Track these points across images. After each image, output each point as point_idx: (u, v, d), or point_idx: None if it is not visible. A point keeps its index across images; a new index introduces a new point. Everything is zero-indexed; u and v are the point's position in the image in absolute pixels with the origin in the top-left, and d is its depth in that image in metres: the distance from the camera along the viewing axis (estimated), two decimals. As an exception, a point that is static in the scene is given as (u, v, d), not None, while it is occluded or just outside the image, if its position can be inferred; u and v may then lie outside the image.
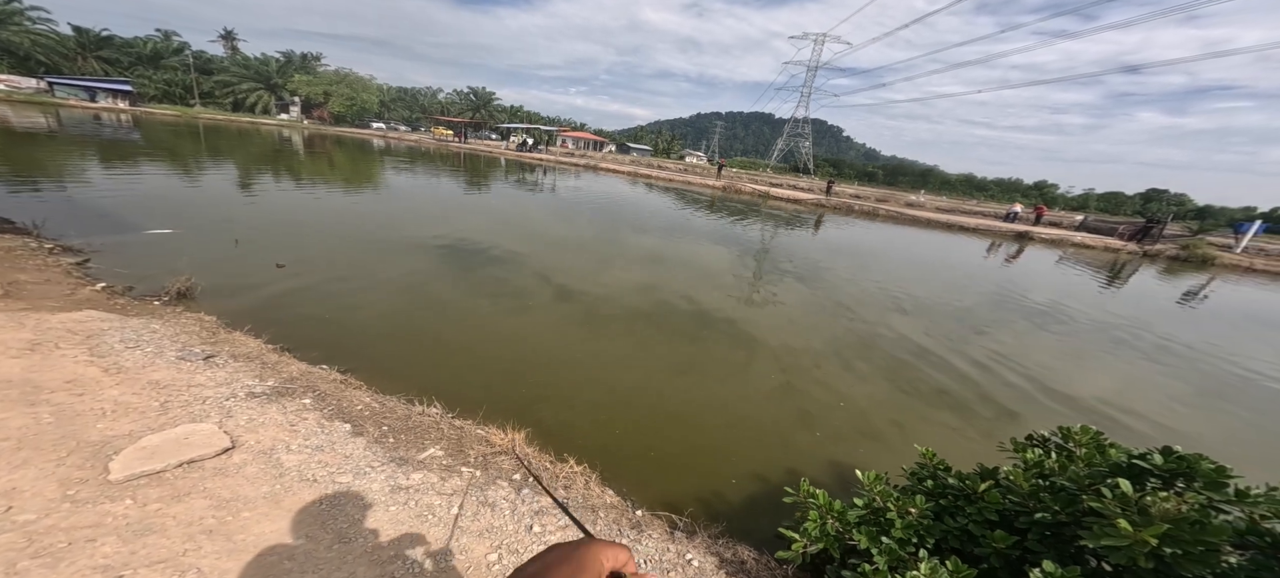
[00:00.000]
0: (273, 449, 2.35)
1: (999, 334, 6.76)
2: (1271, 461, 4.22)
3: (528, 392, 3.82)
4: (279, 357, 3.37)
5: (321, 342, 4.08)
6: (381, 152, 28.07)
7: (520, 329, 5.04)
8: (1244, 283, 14.99)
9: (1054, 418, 4.49)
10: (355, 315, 4.83)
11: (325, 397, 2.92)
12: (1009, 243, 18.83)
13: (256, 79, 55.04)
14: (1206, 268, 17.26)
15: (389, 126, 59.11)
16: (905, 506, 1.62)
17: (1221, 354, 6.91)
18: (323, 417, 2.71)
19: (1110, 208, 63.02)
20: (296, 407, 2.74)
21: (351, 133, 46.18)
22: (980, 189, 73.09)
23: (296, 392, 2.90)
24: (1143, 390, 5.36)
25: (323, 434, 2.55)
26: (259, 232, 7.50)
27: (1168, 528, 0.97)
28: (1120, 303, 9.89)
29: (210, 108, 51.48)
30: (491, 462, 2.72)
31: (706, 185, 29.07)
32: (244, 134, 30.55)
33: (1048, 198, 64.57)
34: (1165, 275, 14.78)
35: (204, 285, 4.85)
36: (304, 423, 2.60)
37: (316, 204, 10.40)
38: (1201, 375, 6.05)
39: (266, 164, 16.47)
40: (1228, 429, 4.67)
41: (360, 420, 2.78)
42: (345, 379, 3.30)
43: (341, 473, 2.29)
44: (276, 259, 6.03)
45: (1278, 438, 4.64)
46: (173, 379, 2.77)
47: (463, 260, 7.32)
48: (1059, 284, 11.32)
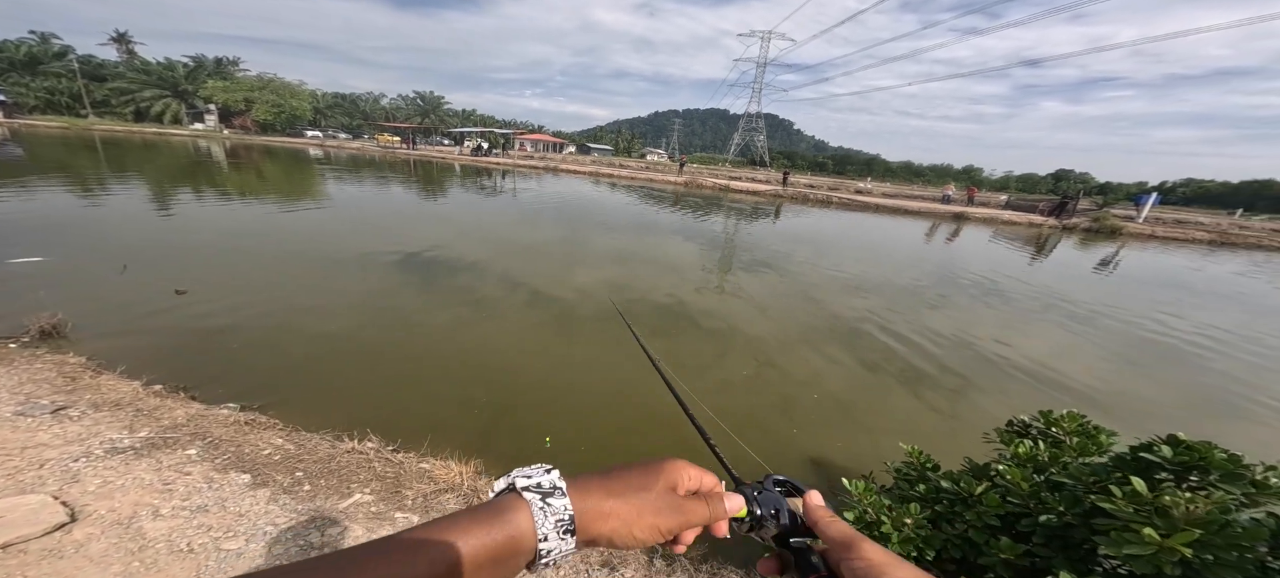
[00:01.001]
0: (133, 517, 1.87)
1: (947, 309, 7.04)
2: (1181, 406, 4.63)
3: (486, 412, 3.45)
4: (161, 401, 2.80)
5: (227, 377, 3.49)
6: (319, 162, 25.82)
7: (480, 341, 4.62)
8: (1148, 249, 16.83)
9: (1003, 382, 4.68)
10: (277, 342, 4.21)
11: (218, 444, 2.43)
12: (948, 223, 20.14)
13: (161, 85, 49.36)
14: (1116, 238, 19.23)
15: (327, 135, 54.76)
16: (900, 517, 1.47)
17: (1134, 315, 7.56)
18: (212, 469, 2.23)
19: (1028, 188, 69.60)
20: (176, 461, 2.24)
21: (283, 142, 42.25)
22: (918, 175, 78.79)
23: (179, 441, 2.39)
24: (1073, 352, 5.72)
25: (209, 491, 2.09)
26: (159, 255, 6.51)
27: (1202, 534, 0.86)
28: (1047, 274, 10.69)
29: (108, 118, 45.61)
30: (433, 504, 2.35)
31: (669, 182, 29.11)
32: (151, 147, 27.11)
33: (975, 180, 70.41)
34: (1082, 246, 16.30)
35: (79, 321, 4.06)
36: (184, 480, 2.12)
37: (239, 221, 9.24)
38: (1119, 336, 6.56)
39: (179, 179, 14.59)
40: (1143, 382, 5.06)
41: (265, 468, 2.33)
42: (251, 420, 2.79)
43: (230, 538, 1.86)
44: (176, 285, 5.20)
45: (1185, 386, 5.09)
46: (3, 442, 2.19)
47: (416, 272, 6.69)
48: (994, 259, 12.13)
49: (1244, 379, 5.26)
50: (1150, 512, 0.95)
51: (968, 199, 27.46)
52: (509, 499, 0.37)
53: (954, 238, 15.99)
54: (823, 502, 0.47)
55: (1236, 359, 5.92)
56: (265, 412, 3.03)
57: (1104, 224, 20.33)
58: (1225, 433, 3.99)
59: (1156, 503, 0.95)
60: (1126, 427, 3.99)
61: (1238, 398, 4.79)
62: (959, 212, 22.95)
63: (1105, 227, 20.15)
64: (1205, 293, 9.91)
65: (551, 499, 0.37)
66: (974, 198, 27.96)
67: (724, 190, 26.80)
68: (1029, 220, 22.05)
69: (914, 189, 40.53)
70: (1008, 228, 20.03)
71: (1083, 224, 20.88)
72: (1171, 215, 28.93)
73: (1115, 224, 20.32)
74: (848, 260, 10.15)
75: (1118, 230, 19.94)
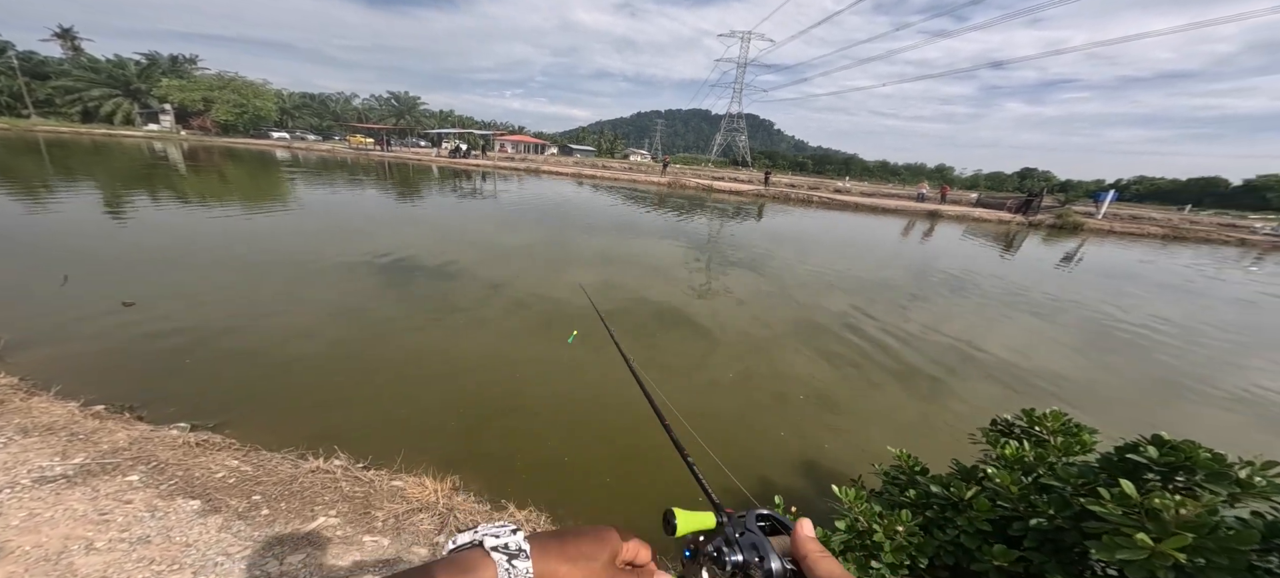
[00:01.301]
0: (63, 552, 1.69)
1: (924, 304, 7.20)
2: (1138, 392, 4.84)
3: (465, 423, 3.31)
4: (100, 423, 2.57)
5: (178, 395, 3.25)
6: (287, 164, 24.74)
7: (459, 349, 4.45)
8: (1107, 244, 17.70)
9: (979, 375, 4.80)
10: (235, 356, 3.95)
11: (165, 468, 2.24)
12: (923, 221, 20.75)
13: (111, 84, 46.47)
14: (1078, 234, 20.17)
15: (294, 136, 52.55)
16: (892, 525, 1.44)
17: (1095, 307, 7.89)
18: (156, 496, 2.04)
19: (995, 185, 72.70)
20: (114, 488, 2.05)
21: (247, 144, 40.30)
22: (894, 173, 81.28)
23: (119, 467, 2.19)
24: (1041, 344, 5.92)
25: (152, 520, 1.91)
26: (106, 265, 6.06)
27: (1194, 538, 0.84)
28: (1015, 268, 11.09)
29: (53, 118, 42.69)
30: (406, 524, 2.22)
31: (652, 182, 29.11)
32: (100, 149, 25.45)
33: (947, 178, 73.16)
34: (1047, 242, 17.03)
35: (11, 338, 3.72)
36: (123, 509, 1.94)
37: (196, 227, 8.71)
38: (1082, 326, 6.83)
39: (131, 183, 13.70)
40: (1105, 370, 5.27)
41: (217, 493, 2.15)
42: (203, 441, 2.59)
43: (175, 571, 1.70)
44: (123, 297, 4.84)
45: (1143, 374, 5.32)
46: (-91, 478, 1.95)
47: (390, 278, 6.42)
48: (967, 255, 12.53)
49: (1194, 367, 5.54)
50: (1140, 514, 0.94)
51: (941, 197, 28.37)
52: (476, 557, 0.39)
53: (929, 235, 16.48)
54: (814, 532, 0.47)
55: (1190, 348, 6.23)
56: (220, 431, 2.82)
57: (1066, 221, 21.33)
58: (1187, 418, 4.19)
59: (1146, 506, 0.94)
60: (1098, 415, 4.13)
61: (1191, 384, 5.03)
62: (933, 209, 23.71)
63: (1068, 223, 21.14)
64: (1162, 285, 10.46)
65: (516, 561, 0.39)
66: (947, 196, 28.88)
67: (707, 190, 26.95)
68: (998, 217, 22.94)
69: (890, 188, 41.72)
70: (978, 225, 20.78)
71: (1047, 221, 21.85)
72: (1128, 211, 30.57)
73: (1077, 221, 21.34)
74: (830, 259, 10.30)
75: (1079, 226, 20.93)
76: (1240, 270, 13.91)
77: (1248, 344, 6.61)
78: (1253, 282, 12.02)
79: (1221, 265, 14.55)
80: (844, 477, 3.09)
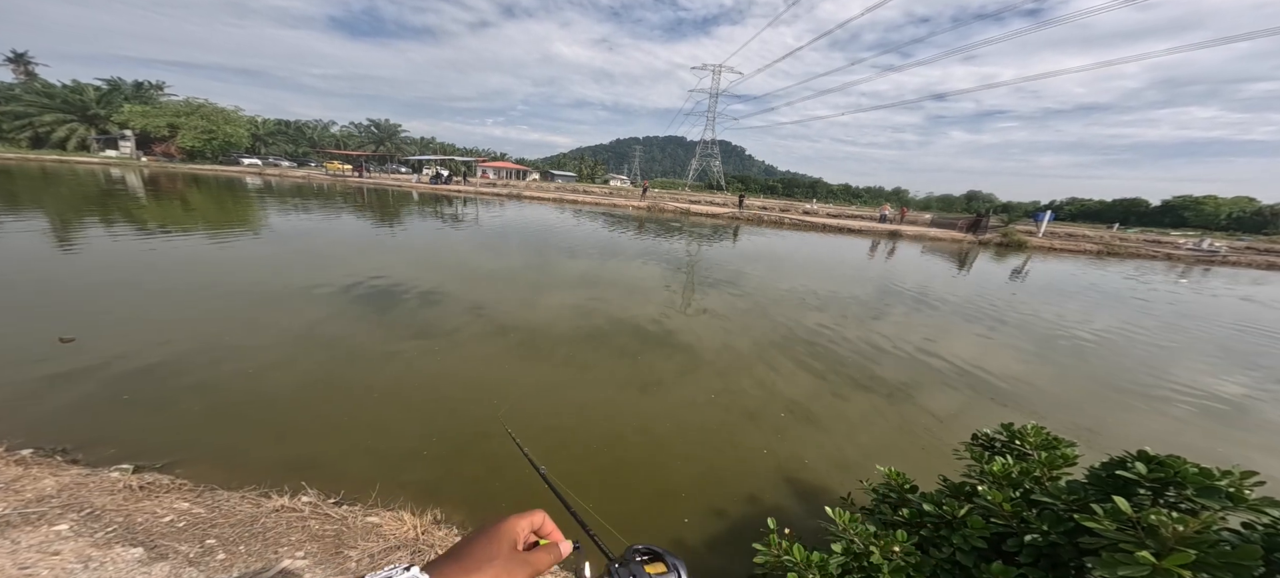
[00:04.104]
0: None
1: (890, 319, 7.52)
2: (1087, 394, 5.13)
3: (444, 451, 3.15)
4: (23, 470, 2.30)
5: (120, 435, 2.95)
6: (259, 191, 23.68)
7: (438, 374, 4.26)
8: (1049, 260, 19.04)
9: (943, 385, 4.98)
10: (190, 389, 3.63)
11: (101, 515, 2.01)
12: (886, 240, 21.82)
13: (65, 110, 43.76)
14: (1023, 250, 21.66)
15: (267, 162, 50.60)
16: (888, 545, 1.45)
17: (1042, 317, 8.43)
18: (90, 545, 1.82)
19: (946, 206, 77.26)
20: (40, 539, 1.82)
21: (214, 170, 38.44)
22: (856, 196, 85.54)
23: (46, 516, 1.95)
24: (997, 352, 6.28)
25: (86, 572, 1.69)
26: (42, 297, 5.54)
27: (1196, 555, 0.87)
28: (970, 284, 11.73)
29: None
30: (383, 563, 2.06)
31: (631, 206, 29.50)
32: (50, 176, 23.56)
33: (904, 201, 77.41)
34: (996, 259, 18.16)
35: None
36: (51, 561, 1.71)
37: (155, 256, 8.07)
38: (1032, 336, 7.28)
39: (82, 211, 12.69)
40: (1056, 375, 5.61)
41: (164, 539, 1.93)
42: (148, 483, 2.35)
43: (118, 642, 1.50)
44: (62, 333, 4.42)
45: (1090, 377, 5.68)
46: None
47: (370, 305, 6.10)
48: (926, 272, 13.17)
49: (1140, 371, 5.94)
50: (1136, 531, 0.98)
51: (901, 218, 30.06)
52: None
53: (892, 254, 17.31)
54: None
55: (1131, 353, 6.71)
56: (169, 471, 2.58)
57: (1012, 239, 22.91)
58: (1137, 422, 4.45)
59: (1144, 521, 0.97)
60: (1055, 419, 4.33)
61: (1138, 387, 5.39)
62: (893, 229, 24.97)
63: (1013, 241, 22.71)
64: (1102, 295, 11.28)
65: None
66: (905, 216, 30.65)
67: (685, 214, 27.49)
68: (952, 236, 24.40)
69: (854, 210, 43.82)
70: (934, 244, 22.01)
71: (995, 239, 23.40)
72: (1064, 230, 33.08)
73: (1021, 239, 22.95)
74: (802, 277, 10.62)
75: (1023, 244, 22.51)
76: (1171, 282, 15.21)
77: (1177, 349, 7.12)
78: (1184, 291, 13.14)
79: (1155, 277, 15.87)
80: (827, 490, 3.12)
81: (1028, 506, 1.35)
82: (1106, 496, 1.11)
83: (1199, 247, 25.86)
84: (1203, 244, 26.36)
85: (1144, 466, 1.22)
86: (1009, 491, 1.48)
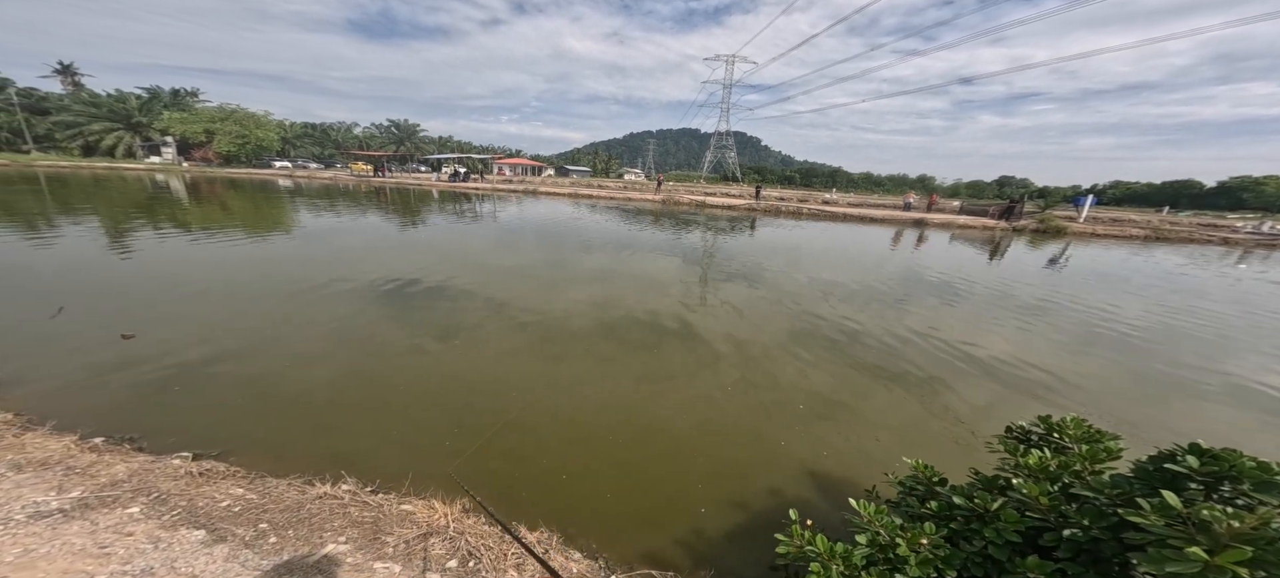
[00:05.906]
0: (63, 598, 1.62)
1: (915, 309, 7.28)
2: (1135, 392, 4.86)
3: (470, 441, 3.25)
4: (97, 456, 2.50)
5: (180, 425, 3.16)
6: (290, 193, 24.74)
7: (464, 368, 4.39)
8: (1092, 246, 18.08)
9: (973, 378, 4.81)
10: (239, 383, 3.86)
11: (167, 499, 2.17)
12: (911, 230, 21.10)
13: (112, 118, 46.60)
14: (1062, 237, 20.60)
15: (296, 165, 52.82)
16: (915, 538, 1.43)
17: (1086, 306, 8.01)
18: (158, 527, 1.98)
19: (976, 193, 73.98)
20: (114, 520, 1.98)
21: (249, 174, 40.33)
22: (878, 185, 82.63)
23: (119, 499, 2.12)
24: (1032, 343, 6.00)
25: (155, 551, 1.84)
26: (104, 297, 5.95)
27: (1253, 553, 0.83)
28: (1003, 272, 11.25)
29: (53, 154, 42.55)
30: (417, 550, 2.16)
31: (647, 200, 29.43)
32: (102, 182, 25.21)
33: (929, 188, 74.45)
34: (1031, 246, 17.36)
35: (4, 374, 3.64)
36: (124, 542, 1.87)
37: (200, 256, 8.56)
38: (1075, 326, 6.93)
39: (133, 216, 13.58)
40: (1101, 370, 5.31)
41: (223, 521, 2.08)
42: (207, 470, 2.52)
43: (184, 615, 1.63)
44: (123, 329, 4.76)
45: (1138, 373, 5.35)
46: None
47: (397, 300, 6.33)
48: (955, 261, 12.70)
49: (1192, 364, 5.59)
50: (1185, 526, 0.93)
51: (928, 206, 28.88)
52: None
53: (920, 242, 16.73)
54: None
55: (1183, 344, 6.31)
56: (224, 459, 2.75)
57: (1049, 224, 21.80)
58: (1186, 418, 4.21)
59: (1195, 517, 0.93)
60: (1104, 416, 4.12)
61: (1189, 381, 5.08)
62: (919, 218, 24.13)
63: (1051, 227, 21.60)
64: (1149, 282, 10.64)
65: None
66: (934, 205, 29.40)
67: (701, 206, 27.27)
68: (983, 224, 23.37)
69: (876, 198, 42.50)
70: (964, 232, 21.15)
71: (1030, 226, 22.31)
72: (1108, 215, 31.32)
73: (1060, 224, 21.82)
74: (822, 268, 10.40)
75: (1063, 230, 21.40)
76: (1227, 268, 14.21)
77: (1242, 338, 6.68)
78: (1243, 278, 12.26)
79: (1210, 263, 14.86)
80: (850, 484, 3.08)
81: (1067, 500, 1.31)
82: (1154, 490, 1.06)
83: (1259, 230, 24.06)
84: (1264, 227, 24.49)
85: (1196, 459, 1.16)
86: (1047, 484, 1.43)
